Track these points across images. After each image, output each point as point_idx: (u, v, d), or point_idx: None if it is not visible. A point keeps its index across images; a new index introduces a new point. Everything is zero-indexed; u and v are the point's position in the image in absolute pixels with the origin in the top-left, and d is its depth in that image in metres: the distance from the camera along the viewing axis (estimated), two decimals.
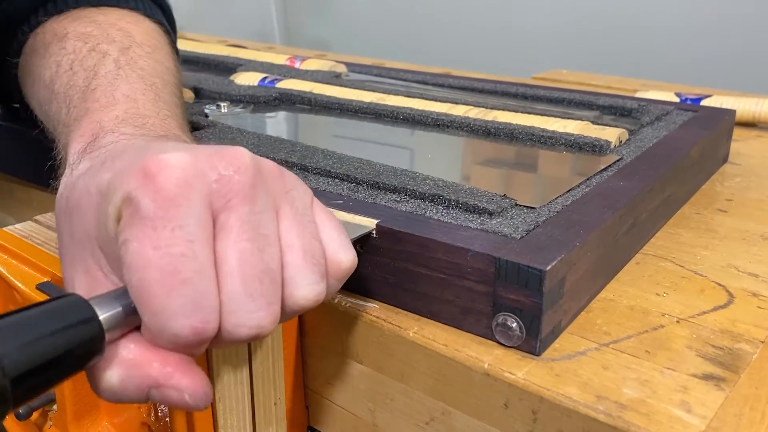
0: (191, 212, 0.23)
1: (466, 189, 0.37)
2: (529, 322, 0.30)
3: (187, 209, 0.23)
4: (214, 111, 0.55)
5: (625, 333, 0.32)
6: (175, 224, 0.22)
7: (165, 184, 0.23)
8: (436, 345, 0.31)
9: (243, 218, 0.24)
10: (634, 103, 0.55)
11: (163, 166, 0.23)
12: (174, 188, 0.23)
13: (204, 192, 0.23)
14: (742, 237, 0.42)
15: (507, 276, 0.30)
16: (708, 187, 0.51)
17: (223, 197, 0.24)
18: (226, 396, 0.32)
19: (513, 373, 0.29)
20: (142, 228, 0.22)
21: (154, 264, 0.22)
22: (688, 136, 0.48)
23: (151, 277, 0.22)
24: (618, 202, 0.37)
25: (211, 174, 0.24)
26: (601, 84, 0.81)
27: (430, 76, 0.67)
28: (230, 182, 0.24)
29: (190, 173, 0.23)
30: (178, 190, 0.23)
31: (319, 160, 0.42)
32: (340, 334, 0.35)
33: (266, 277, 0.24)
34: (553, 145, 0.47)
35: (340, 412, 0.37)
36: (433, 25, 1.55)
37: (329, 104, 0.56)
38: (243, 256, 0.23)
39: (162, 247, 0.22)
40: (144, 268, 0.22)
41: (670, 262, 0.39)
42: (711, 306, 0.34)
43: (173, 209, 0.22)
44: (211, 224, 0.23)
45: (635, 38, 1.26)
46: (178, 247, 0.22)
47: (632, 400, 0.27)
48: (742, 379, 0.29)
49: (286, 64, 0.70)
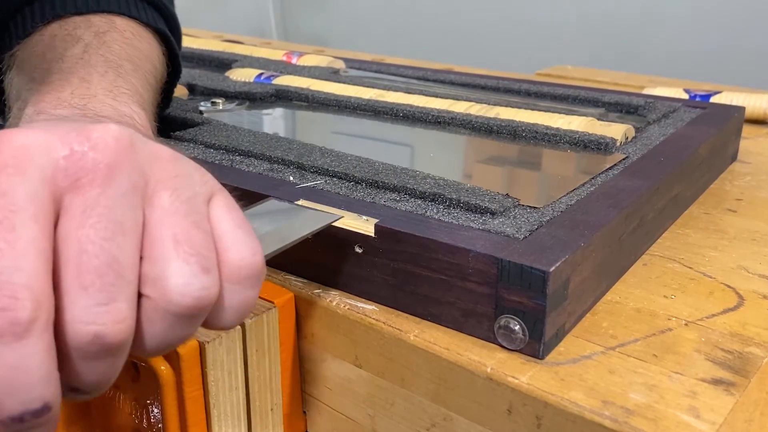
0: (21, 184, 0.20)
1: (468, 188, 0.37)
2: (533, 325, 0.30)
3: (17, 180, 0.20)
4: (209, 108, 0.55)
5: (632, 336, 0.32)
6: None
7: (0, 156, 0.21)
8: (438, 348, 0.31)
9: (89, 201, 0.21)
10: (641, 100, 0.54)
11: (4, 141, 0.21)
12: (6, 159, 0.21)
13: (47, 167, 0.21)
14: (752, 237, 0.42)
15: (510, 277, 0.30)
16: (717, 186, 0.50)
17: (70, 176, 0.21)
18: (221, 402, 0.32)
19: (516, 377, 0.29)
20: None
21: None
22: (697, 133, 0.48)
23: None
24: (624, 201, 0.36)
25: (62, 150, 0.21)
26: (608, 80, 0.80)
27: (431, 72, 0.67)
28: (81, 159, 0.21)
29: (32, 148, 0.21)
30: (11, 160, 0.21)
31: (316, 158, 0.42)
32: (339, 338, 0.35)
33: (110, 270, 0.21)
34: (557, 143, 0.47)
35: (338, 417, 0.37)
36: (434, 19, 1.54)
37: (327, 101, 0.56)
38: (82, 244, 0.20)
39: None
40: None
41: (677, 264, 0.39)
42: (720, 308, 0.34)
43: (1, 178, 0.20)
44: (49, 204, 0.21)
45: (643, 33, 1.25)
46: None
47: (639, 405, 0.27)
48: (752, 384, 0.29)
49: (283, 59, 0.70)
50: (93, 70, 0.34)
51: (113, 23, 0.40)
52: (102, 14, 0.41)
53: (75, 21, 0.40)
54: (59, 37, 0.38)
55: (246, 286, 0.24)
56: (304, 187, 0.38)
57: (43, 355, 0.20)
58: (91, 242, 0.21)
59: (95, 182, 0.21)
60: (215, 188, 0.25)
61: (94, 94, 0.32)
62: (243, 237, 0.24)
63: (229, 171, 0.41)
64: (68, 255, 0.20)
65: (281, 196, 0.37)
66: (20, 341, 0.19)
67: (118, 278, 0.21)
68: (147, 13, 0.43)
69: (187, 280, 0.22)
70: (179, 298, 0.22)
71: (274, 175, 0.40)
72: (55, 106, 0.31)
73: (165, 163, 0.23)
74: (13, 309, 0.19)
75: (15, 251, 0.19)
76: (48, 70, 0.35)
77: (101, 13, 0.41)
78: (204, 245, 0.22)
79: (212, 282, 0.22)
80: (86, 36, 0.37)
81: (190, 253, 0.22)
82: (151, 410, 0.32)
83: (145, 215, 0.22)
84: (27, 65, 0.38)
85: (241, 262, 0.23)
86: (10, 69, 0.41)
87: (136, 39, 0.40)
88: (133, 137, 0.23)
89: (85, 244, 0.20)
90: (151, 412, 0.32)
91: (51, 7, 0.41)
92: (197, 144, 0.46)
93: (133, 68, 0.36)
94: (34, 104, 0.32)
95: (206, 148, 0.45)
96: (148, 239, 0.22)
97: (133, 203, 0.22)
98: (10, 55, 0.41)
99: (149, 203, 0.22)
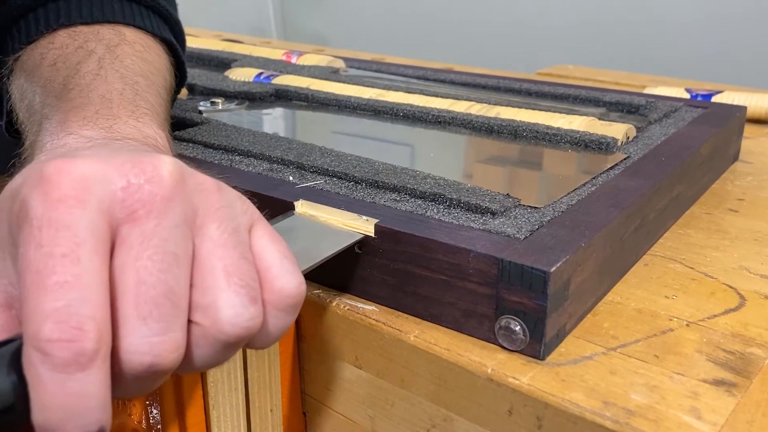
0: (84, 216, 0.21)
1: (468, 188, 0.37)
2: (533, 326, 0.30)
3: (79, 212, 0.21)
4: (208, 107, 0.55)
5: (633, 337, 0.32)
6: (61, 225, 0.21)
7: (58, 186, 0.21)
8: (438, 349, 0.31)
9: (147, 233, 0.22)
10: (642, 100, 0.54)
11: (60, 170, 0.22)
12: (67, 190, 0.21)
13: (105, 199, 0.22)
14: (753, 238, 0.42)
15: (510, 278, 0.30)
16: (718, 186, 0.50)
17: (127, 207, 0.22)
18: (220, 403, 0.31)
19: (517, 378, 0.29)
20: (30, 230, 0.21)
21: (33, 265, 0.20)
22: (698, 133, 0.48)
23: (29, 280, 0.20)
24: (625, 201, 0.36)
25: (119, 181, 0.22)
26: (609, 80, 0.80)
27: (431, 71, 0.67)
28: (138, 191, 0.22)
29: (90, 178, 0.22)
30: (71, 192, 0.21)
31: (316, 158, 0.42)
32: (339, 338, 0.35)
33: (166, 301, 0.21)
34: (558, 143, 0.47)
35: (338, 418, 0.37)
36: (435, 19, 1.54)
37: (327, 101, 0.56)
38: (140, 275, 0.21)
39: (44, 245, 0.20)
40: (25, 272, 0.20)
41: (679, 264, 0.39)
42: (722, 309, 0.34)
43: (62, 210, 0.21)
44: (107, 234, 0.21)
45: (644, 32, 1.25)
46: (60, 248, 0.20)
47: (640, 406, 0.27)
48: (754, 385, 0.28)
49: (283, 59, 0.70)
50: (111, 88, 0.35)
51: (123, 36, 0.40)
52: (110, 24, 0.41)
53: (84, 33, 0.40)
54: (71, 49, 0.38)
55: (289, 313, 0.25)
56: (304, 187, 0.38)
57: (103, 383, 0.20)
58: (149, 273, 0.21)
59: (151, 215, 0.22)
60: (254, 216, 0.26)
61: (118, 115, 0.32)
62: (290, 268, 0.25)
63: (228, 171, 0.41)
64: (126, 285, 0.21)
65: (281, 196, 0.37)
66: (84, 371, 0.20)
67: (174, 308, 0.22)
68: (152, 21, 0.44)
69: (238, 311, 0.23)
70: (230, 328, 0.23)
71: (273, 175, 0.40)
72: (81, 126, 0.31)
73: (210, 195, 0.24)
74: (80, 340, 0.20)
75: (81, 284, 0.20)
76: (64, 85, 0.35)
77: (108, 23, 0.41)
78: (251, 276, 0.23)
79: (259, 312, 0.23)
80: (98, 50, 0.38)
81: (240, 285, 0.23)
82: (150, 411, 0.32)
83: (194, 245, 0.23)
84: (38, 73, 0.38)
85: (290, 292, 0.24)
86: (15, 73, 0.41)
87: (147, 52, 0.40)
88: (182, 170, 0.24)
89: (143, 275, 0.21)
90: (150, 413, 0.32)
91: (56, 16, 0.41)
92: (197, 144, 0.46)
93: (147, 84, 0.37)
94: (59, 122, 0.32)
95: (206, 148, 0.45)
96: (198, 269, 0.23)
97: (185, 234, 0.23)
98: (15, 59, 0.41)
99: (198, 234, 0.23)
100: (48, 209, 0.21)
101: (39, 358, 0.20)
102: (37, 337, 0.20)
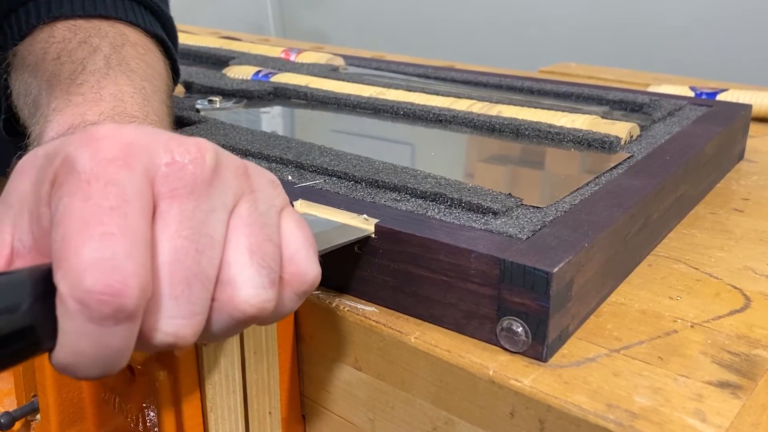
0: (132, 178, 0.21)
1: (470, 187, 0.37)
2: (536, 327, 0.29)
3: (127, 174, 0.21)
4: (206, 106, 0.55)
5: (637, 338, 0.31)
6: (109, 180, 0.20)
7: (108, 147, 0.21)
8: (439, 351, 0.31)
9: (187, 213, 0.22)
10: (646, 98, 0.54)
11: (110, 134, 0.22)
12: (117, 152, 0.21)
13: (149, 169, 0.22)
14: (759, 238, 0.42)
15: (512, 278, 0.29)
16: (723, 185, 0.50)
17: (169, 183, 0.22)
18: (218, 405, 0.31)
19: (519, 380, 0.29)
20: (77, 183, 0.20)
21: (78, 214, 0.20)
22: (702, 132, 0.48)
23: (73, 229, 0.20)
24: (628, 201, 0.36)
25: (164, 156, 0.22)
26: (612, 78, 0.80)
27: (432, 69, 0.67)
28: (182, 170, 0.22)
29: (138, 147, 0.22)
30: (120, 154, 0.21)
31: (315, 157, 0.41)
32: (338, 340, 0.35)
33: (198, 282, 0.22)
34: (560, 142, 0.46)
35: (338, 421, 0.36)
36: (436, 16, 1.54)
37: (326, 99, 0.56)
38: (177, 254, 0.21)
39: (92, 197, 0.20)
40: (68, 221, 0.20)
41: (683, 264, 0.38)
42: (726, 310, 0.34)
43: (111, 168, 0.21)
44: (151, 202, 0.21)
45: (648, 29, 1.25)
46: (108, 201, 0.20)
47: (644, 408, 0.27)
48: (760, 387, 0.28)
49: (281, 56, 0.70)
50: (122, 90, 0.35)
51: (126, 36, 0.40)
52: (108, 21, 0.41)
53: (85, 27, 0.40)
54: (74, 44, 0.38)
55: (301, 297, 0.25)
56: (303, 187, 0.38)
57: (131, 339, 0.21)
58: (185, 253, 0.21)
59: (192, 195, 0.22)
60: (285, 201, 0.26)
61: (135, 116, 0.32)
62: (313, 256, 0.25)
63: None
64: (161, 260, 0.21)
65: None
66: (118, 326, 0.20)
67: (204, 291, 0.22)
68: (145, 18, 0.44)
69: (256, 291, 0.23)
70: (245, 306, 0.23)
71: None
72: (99, 119, 0.31)
73: (244, 178, 0.24)
74: (122, 296, 0.19)
75: (127, 238, 0.20)
76: (72, 80, 0.35)
77: (106, 19, 0.41)
78: (274, 258, 0.24)
79: (275, 295, 0.24)
80: (104, 47, 0.38)
81: (262, 265, 0.23)
82: (147, 414, 0.32)
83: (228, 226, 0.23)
84: (42, 68, 0.38)
85: (311, 280, 0.25)
86: (16, 68, 0.40)
87: (148, 55, 0.40)
88: (222, 155, 0.24)
89: (180, 254, 0.21)
90: (147, 415, 0.31)
91: (47, 9, 0.40)
92: None
93: (152, 90, 0.37)
94: (73, 115, 0.32)
95: None
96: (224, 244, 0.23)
97: (222, 218, 0.23)
98: (14, 54, 0.41)
99: (231, 215, 0.23)
100: (97, 165, 0.21)
101: (76, 309, 0.19)
102: (78, 286, 0.19)
